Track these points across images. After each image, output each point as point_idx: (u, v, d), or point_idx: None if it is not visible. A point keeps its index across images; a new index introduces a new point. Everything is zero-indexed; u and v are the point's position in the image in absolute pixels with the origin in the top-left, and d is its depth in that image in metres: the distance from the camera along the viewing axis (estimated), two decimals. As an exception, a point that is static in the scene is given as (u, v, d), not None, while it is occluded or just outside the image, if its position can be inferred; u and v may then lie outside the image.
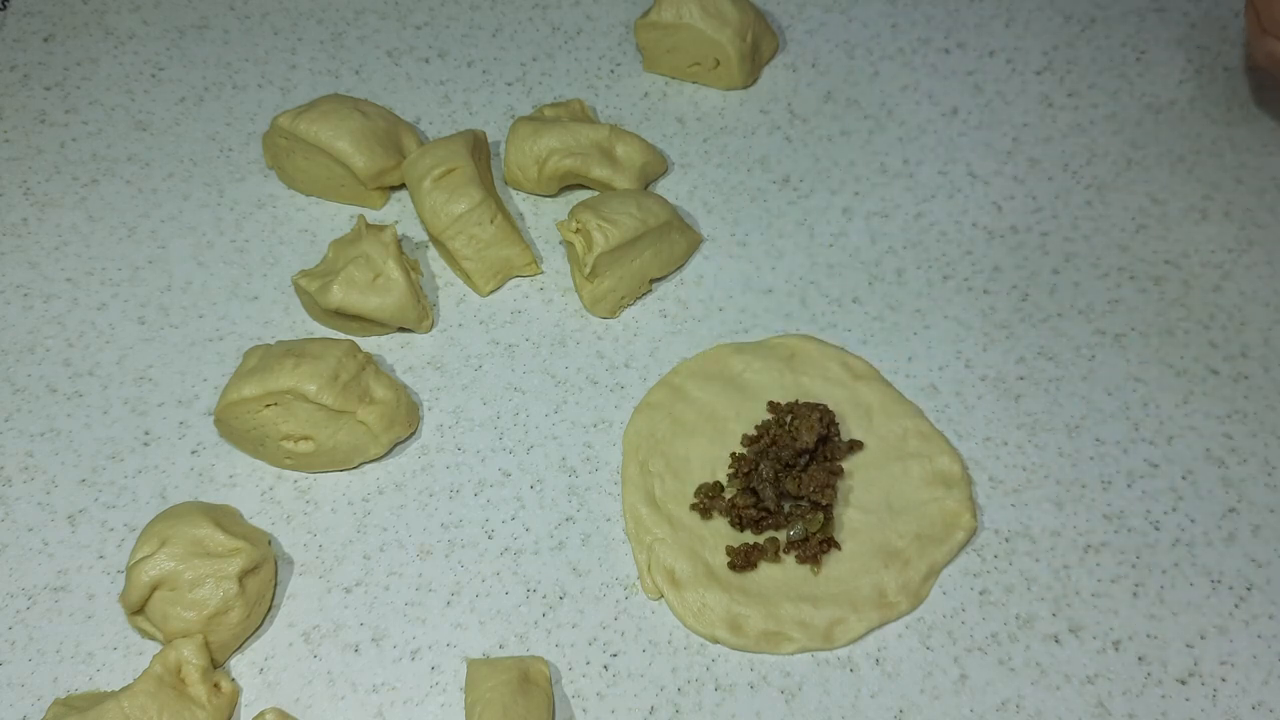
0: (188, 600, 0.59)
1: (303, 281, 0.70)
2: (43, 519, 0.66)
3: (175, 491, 0.67)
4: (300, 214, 0.78)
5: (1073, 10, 0.86)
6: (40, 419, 0.70)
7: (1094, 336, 0.71)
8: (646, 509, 0.64)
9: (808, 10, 0.87)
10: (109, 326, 0.73)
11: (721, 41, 0.79)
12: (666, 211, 0.72)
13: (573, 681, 0.60)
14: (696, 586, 0.62)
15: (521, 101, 0.83)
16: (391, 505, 0.66)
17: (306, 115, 0.74)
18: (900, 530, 0.63)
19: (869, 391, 0.68)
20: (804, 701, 0.59)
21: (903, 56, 0.84)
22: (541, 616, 0.62)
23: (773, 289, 0.74)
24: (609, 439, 0.68)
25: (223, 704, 0.59)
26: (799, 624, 0.61)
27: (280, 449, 0.66)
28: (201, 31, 0.88)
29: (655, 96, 0.83)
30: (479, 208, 0.72)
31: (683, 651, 0.61)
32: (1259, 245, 0.74)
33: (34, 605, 0.63)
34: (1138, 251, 0.74)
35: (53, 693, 0.61)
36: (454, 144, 0.73)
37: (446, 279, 0.75)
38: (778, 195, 0.78)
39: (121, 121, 0.83)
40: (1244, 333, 0.70)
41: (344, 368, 0.65)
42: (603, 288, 0.71)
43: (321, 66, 0.85)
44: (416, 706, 0.60)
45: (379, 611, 0.63)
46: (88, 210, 0.78)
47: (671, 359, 0.71)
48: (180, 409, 0.70)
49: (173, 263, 0.76)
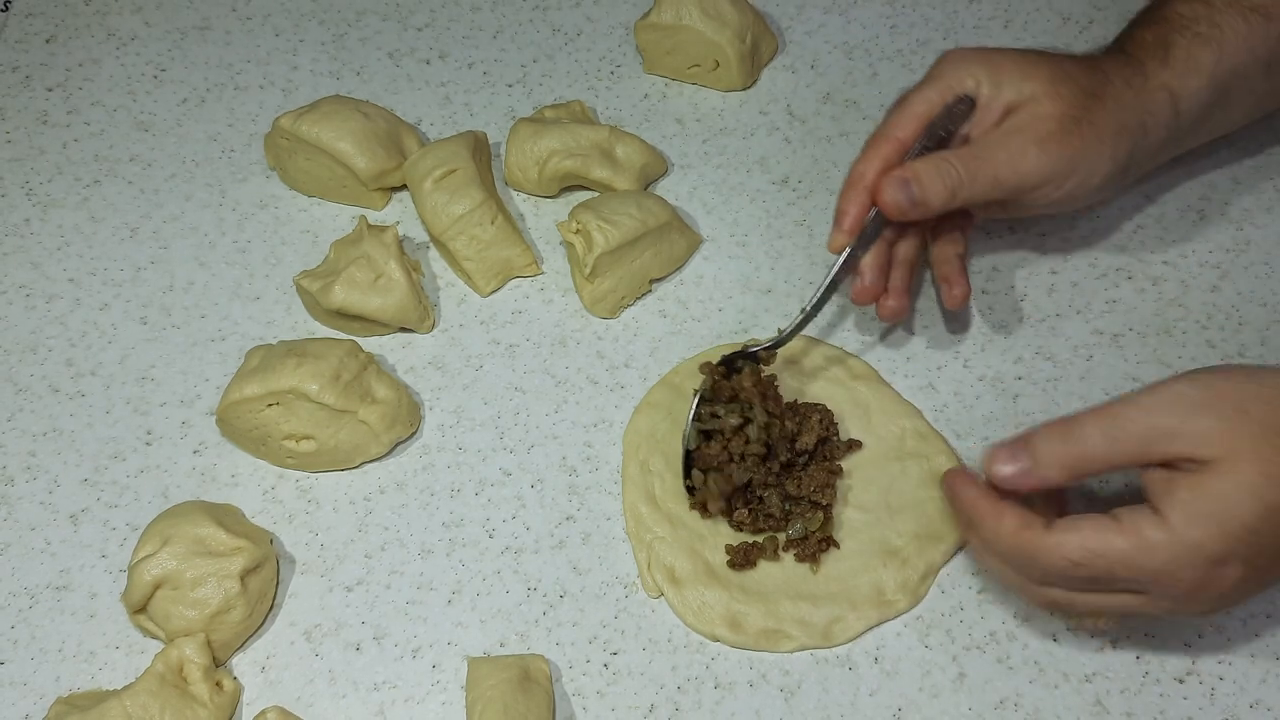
0: (190, 599, 0.59)
1: (304, 282, 0.70)
2: (45, 518, 0.66)
3: (177, 491, 0.67)
4: (302, 215, 0.78)
5: (1072, 10, 0.86)
6: (43, 419, 0.70)
7: (1092, 336, 0.71)
8: (647, 508, 0.65)
9: (807, 11, 0.87)
10: (111, 326, 0.73)
11: (721, 43, 0.79)
12: (666, 212, 0.72)
13: (573, 679, 0.60)
14: (696, 585, 0.62)
15: (522, 103, 0.83)
16: (393, 504, 0.66)
17: (308, 116, 0.74)
18: (899, 529, 0.64)
19: (868, 391, 0.68)
20: (803, 699, 0.59)
21: (901, 58, 0.84)
22: (542, 615, 0.62)
23: (773, 289, 0.74)
24: (609, 438, 0.68)
25: (224, 702, 0.59)
26: (798, 622, 0.61)
27: (282, 448, 0.66)
28: (203, 33, 0.88)
29: (655, 98, 0.83)
30: (480, 208, 0.72)
31: (682, 650, 0.61)
32: (1256, 245, 0.74)
33: (36, 604, 0.63)
34: (1135, 251, 0.74)
35: (55, 691, 0.61)
36: (455, 145, 0.74)
37: (447, 279, 0.75)
38: (778, 195, 0.78)
39: (124, 122, 0.83)
40: (1241, 333, 0.70)
41: (346, 367, 0.65)
42: (603, 288, 0.71)
43: (323, 68, 0.86)
44: (418, 705, 0.60)
45: (380, 610, 0.63)
46: (90, 211, 0.79)
47: (671, 359, 0.71)
48: (182, 409, 0.70)
49: (175, 263, 0.76)
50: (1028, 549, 0.52)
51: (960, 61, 0.64)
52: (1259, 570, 0.51)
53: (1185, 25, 0.65)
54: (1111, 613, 0.54)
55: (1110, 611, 0.54)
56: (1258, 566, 0.50)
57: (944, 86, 0.63)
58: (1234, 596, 0.52)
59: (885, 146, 0.63)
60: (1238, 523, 0.49)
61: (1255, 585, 0.52)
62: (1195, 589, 0.51)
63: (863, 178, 0.63)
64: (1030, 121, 0.62)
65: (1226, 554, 0.49)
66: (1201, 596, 0.51)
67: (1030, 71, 0.63)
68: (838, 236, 0.63)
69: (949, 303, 0.68)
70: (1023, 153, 0.61)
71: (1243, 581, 0.50)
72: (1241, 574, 0.50)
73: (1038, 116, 0.62)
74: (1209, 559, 0.49)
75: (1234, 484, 0.49)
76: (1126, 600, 0.53)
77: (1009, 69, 0.63)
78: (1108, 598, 0.53)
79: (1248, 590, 0.52)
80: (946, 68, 0.64)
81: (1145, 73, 0.64)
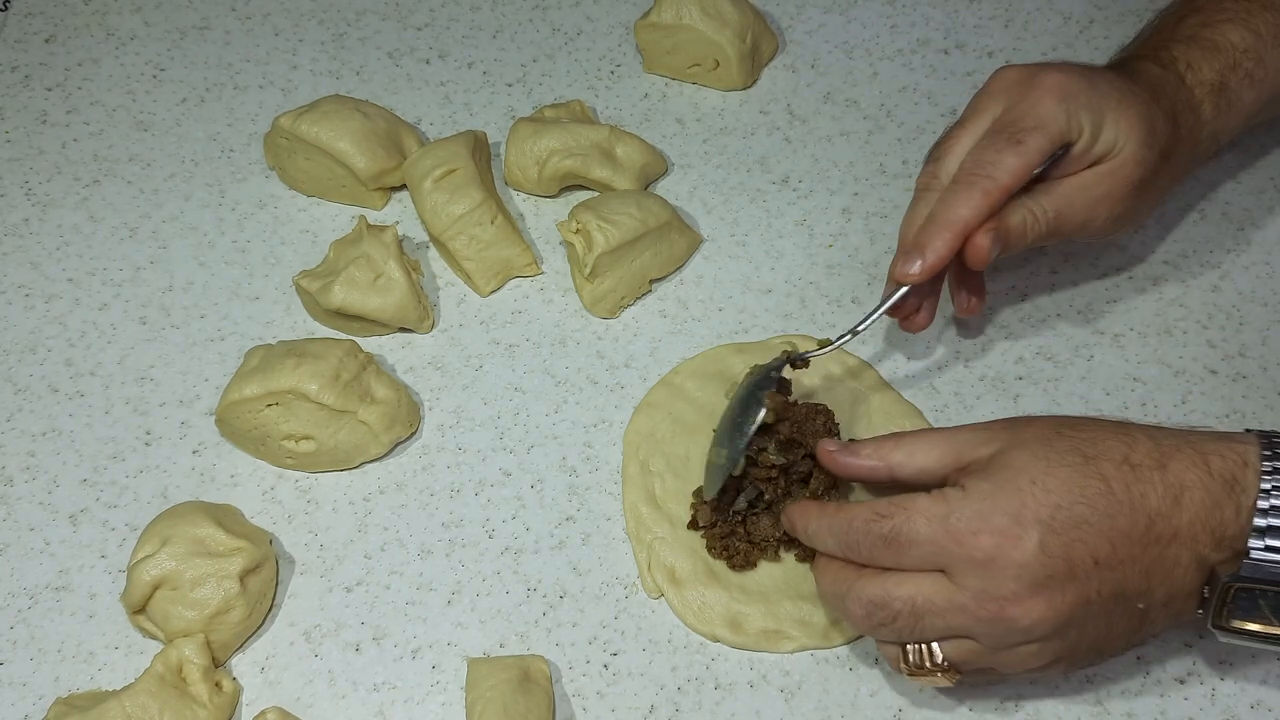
0: (189, 599, 0.59)
1: (304, 282, 0.70)
2: (44, 518, 0.66)
3: (176, 491, 0.67)
4: (301, 214, 0.78)
5: (1072, 10, 0.86)
6: (42, 419, 0.70)
7: (1092, 336, 0.71)
8: (647, 508, 0.65)
9: (807, 11, 0.87)
10: (110, 326, 0.73)
11: (721, 42, 0.79)
12: (666, 212, 0.72)
13: (573, 680, 0.60)
14: (697, 585, 0.62)
15: (522, 102, 0.83)
16: (392, 505, 0.66)
17: (308, 116, 0.74)
18: (899, 529, 0.63)
19: (868, 391, 0.68)
20: (803, 700, 0.59)
21: (902, 57, 0.84)
22: (542, 615, 0.62)
23: (773, 289, 0.74)
24: (609, 439, 0.68)
25: (224, 703, 0.59)
26: (799, 622, 0.61)
27: (281, 449, 0.66)
28: (203, 32, 0.88)
29: (655, 97, 0.83)
30: (479, 208, 0.72)
31: (683, 650, 0.61)
32: (1257, 245, 0.74)
33: (35, 604, 0.63)
34: (1136, 251, 0.74)
35: (54, 692, 0.61)
36: (455, 145, 0.74)
37: (447, 279, 0.75)
38: (778, 195, 0.78)
39: (123, 122, 0.83)
40: (1242, 332, 0.70)
41: (345, 368, 0.65)
42: (603, 288, 0.71)
43: (323, 67, 0.85)
44: (417, 705, 0.60)
45: (380, 611, 0.63)
46: (89, 210, 0.79)
47: (671, 359, 0.71)
48: (182, 409, 0.70)
49: (174, 263, 0.76)
50: (838, 511, 0.54)
51: (1069, 101, 0.60)
52: (1064, 545, 0.49)
53: (1238, 63, 0.65)
54: (922, 626, 0.52)
55: (921, 623, 0.52)
56: (1063, 537, 0.49)
57: (1055, 134, 0.59)
58: (1047, 586, 0.50)
59: (995, 196, 0.59)
60: (1026, 478, 0.50)
61: (1064, 582, 0.50)
62: (995, 554, 0.49)
63: (964, 223, 0.59)
64: (1111, 181, 0.61)
65: (1020, 511, 0.50)
66: (1004, 568, 0.49)
67: (1125, 122, 0.60)
68: (912, 271, 0.60)
69: (961, 311, 0.67)
70: (1097, 209, 0.62)
71: (1043, 555, 0.49)
72: (1039, 540, 0.49)
73: (1120, 178, 0.61)
74: (1006, 513, 0.50)
75: (1022, 456, 0.51)
76: (929, 588, 0.51)
77: (1110, 116, 0.60)
78: (911, 579, 0.51)
79: (1056, 586, 0.50)
80: (1054, 108, 0.59)
81: (1201, 120, 0.65)
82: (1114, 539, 0.50)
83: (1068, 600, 0.50)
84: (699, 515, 0.63)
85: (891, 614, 0.52)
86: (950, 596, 0.51)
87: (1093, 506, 0.50)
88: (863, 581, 0.53)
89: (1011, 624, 0.50)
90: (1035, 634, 0.51)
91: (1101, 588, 0.50)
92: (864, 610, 0.53)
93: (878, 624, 0.53)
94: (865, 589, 0.53)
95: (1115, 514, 0.50)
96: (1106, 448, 0.51)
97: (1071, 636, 0.51)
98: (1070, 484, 0.50)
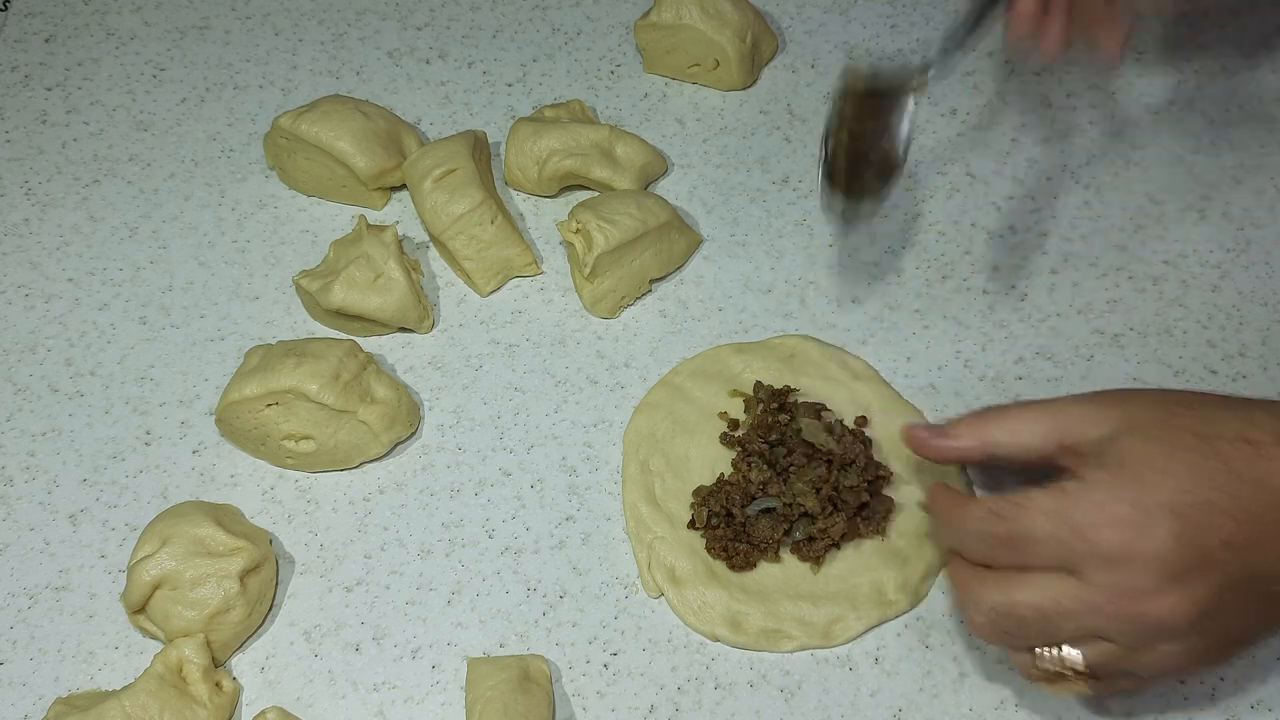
0: (189, 599, 0.59)
1: (304, 281, 0.70)
2: (44, 518, 0.66)
3: (176, 491, 0.67)
4: (301, 214, 0.78)
5: (1071, 11, 0.86)
6: (42, 419, 0.70)
7: (1092, 336, 0.71)
8: (647, 507, 0.65)
9: (807, 11, 0.87)
10: (110, 326, 0.73)
11: (721, 42, 0.79)
12: (666, 212, 0.72)
13: (573, 680, 0.60)
14: (697, 584, 0.62)
15: (522, 102, 0.83)
16: (392, 505, 0.66)
17: (308, 116, 0.74)
18: (899, 529, 0.63)
19: (868, 391, 0.68)
20: (803, 700, 0.59)
21: (902, 58, 0.84)
22: (542, 615, 0.62)
23: (772, 289, 0.74)
24: (609, 438, 0.68)
25: (224, 703, 0.59)
26: (799, 622, 0.61)
27: (281, 448, 0.66)
28: (203, 32, 0.88)
29: (655, 97, 0.83)
30: (479, 208, 0.72)
31: (682, 650, 0.61)
32: (1257, 245, 0.74)
33: (35, 604, 0.63)
34: (1136, 251, 0.74)
35: (54, 692, 0.61)
36: (454, 144, 0.74)
37: (447, 279, 0.75)
38: (778, 195, 0.78)
39: (123, 122, 0.83)
40: (1242, 332, 0.70)
41: (345, 367, 0.65)
42: (603, 288, 0.71)
43: (322, 67, 0.85)
44: (417, 705, 0.60)
45: (380, 610, 0.63)
46: (89, 210, 0.79)
47: (671, 359, 0.71)
48: (181, 409, 0.70)
49: (174, 263, 0.76)
50: (950, 502, 0.53)
51: None
52: (1194, 532, 0.47)
53: None
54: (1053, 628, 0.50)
55: (1051, 628, 0.50)
56: (1193, 524, 0.47)
57: None
58: (1182, 577, 0.47)
59: None
60: (1146, 465, 0.48)
61: (1198, 571, 0.47)
62: (1126, 548, 0.47)
63: None
64: None
65: (1146, 501, 0.47)
66: (1137, 562, 0.47)
67: None
68: None
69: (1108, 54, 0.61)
70: None
71: (1175, 545, 0.47)
72: (1169, 529, 0.47)
73: None
74: (1131, 504, 0.47)
75: (1139, 441, 0.49)
76: (1056, 589, 0.49)
77: None
78: (1036, 581, 0.49)
79: (1191, 577, 0.47)
80: None
81: None
82: (1241, 520, 0.47)
83: (1204, 590, 0.47)
84: (697, 515, 0.63)
85: (1017, 620, 0.49)
86: (1081, 596, 0.48)
87: (1218, 488, 0.47)
88: (985, 588, 0.50)
89: (1149, 620, 0.48)
90: (1174, 629, 0.48)
91: (1236, 572, 0.47)
92: (986, 619, 0.50)
93: (1003, 632, 0.50)
94: (987, 596, 0.50)
95: (1240, 494, 0.47)
96: (1222, 425, 0.49)
97: (1210, 629, 0.48)
98: (1192, 467, 0.47)
